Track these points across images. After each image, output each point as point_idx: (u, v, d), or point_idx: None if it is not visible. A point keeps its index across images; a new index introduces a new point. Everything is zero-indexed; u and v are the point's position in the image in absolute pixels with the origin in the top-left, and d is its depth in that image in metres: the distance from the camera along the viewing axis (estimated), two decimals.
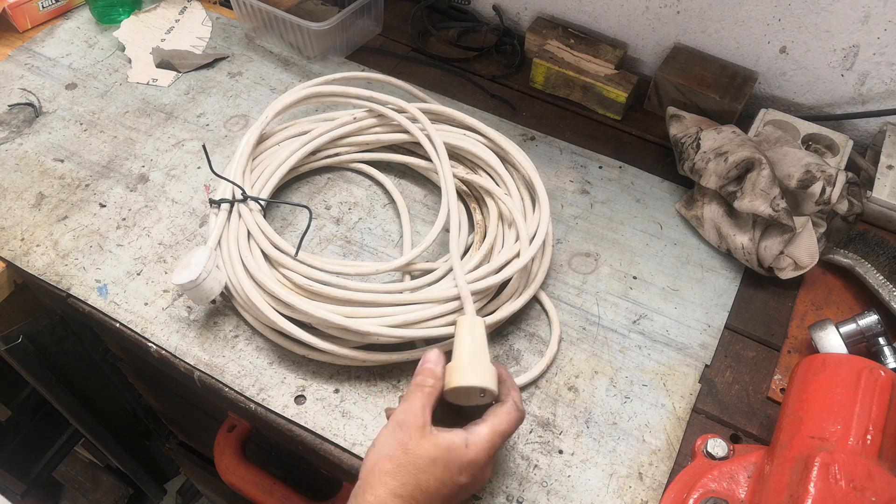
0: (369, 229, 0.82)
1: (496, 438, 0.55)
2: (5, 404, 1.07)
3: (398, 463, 0.53)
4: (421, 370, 0.59)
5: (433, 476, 0.53)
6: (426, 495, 0.52)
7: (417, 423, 0.54)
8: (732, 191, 0.77)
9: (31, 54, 1.00)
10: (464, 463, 0.54)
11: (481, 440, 0.55)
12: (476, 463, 0.54)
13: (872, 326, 0.69)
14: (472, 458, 0.54)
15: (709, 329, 0.75)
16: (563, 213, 0.84)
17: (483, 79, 1.00)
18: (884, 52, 0.84)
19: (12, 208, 0.82)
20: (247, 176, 0.78)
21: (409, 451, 0.53)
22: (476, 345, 0.60)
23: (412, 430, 0.54)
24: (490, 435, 0.55)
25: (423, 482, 0.52)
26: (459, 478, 0.54)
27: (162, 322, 0.73)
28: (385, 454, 0.54)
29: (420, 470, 0.53)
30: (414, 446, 0.53)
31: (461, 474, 0.54)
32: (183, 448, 1.28)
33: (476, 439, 0.55)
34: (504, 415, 0.56)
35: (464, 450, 0.54)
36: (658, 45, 0.98)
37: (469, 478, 0.54)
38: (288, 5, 1.04)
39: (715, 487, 0.58)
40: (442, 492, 0.53)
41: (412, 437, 0.54)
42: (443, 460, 0.53)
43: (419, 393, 0.57)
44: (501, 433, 0.56)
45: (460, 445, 0.54)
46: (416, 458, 0.53)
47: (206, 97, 0.95)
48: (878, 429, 0.54)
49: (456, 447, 0.54)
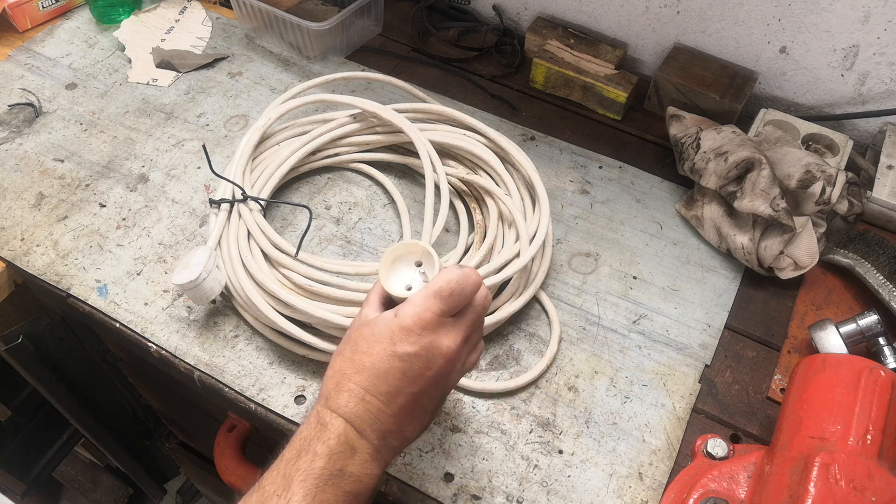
0: (369, 229, 0.82)
1: (429, 299, 0.50)
2: (5, 404, 1.07)
3: (338, 352, 0.52)
4: None
5: (371, 353, 0.50)
6: (366, 374, 0.49)
7: (361, 316, 0.53)
8: (732, 191, 0.77)
9: (31, 54, 1.00)
10: (393, 329, 0.50)
11: (410, 305, 0.50)
12: (406, 326, 0.49)
13: (872, 326, 0.69)
14: (401, 322, 0.49)
15: (709, 329, 0.75)
16: (563, 213, 0.84)
17: (483, 79, 1.00)
18: (884, 52, 0.84)
19: (12, 208, 0.82)
20: (247, 176, 0.78)
21: (348, 338, 0.52)
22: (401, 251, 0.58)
23: (356, 325, 0.53)
24: (422, 296, 0.50)
25: (366, 363, 0.50)
26: (396, 347, 0.49)
27: (162, 322, 0.73)
28: (334, 353, 0.53)
29: (352, 349, 0.51)
30: (352, 332, 0.52)
31: (396, 343, 0.49)
32: (183, 448, 1.28)
33: (405, 306, 0.50)
34: (440, 275, 0.51)
35: (391, 318, 0.50)
36: (658, 45, 0.98)
37: (410, 346, 0.49)
38: (288, 5, 1.04)
39: (715, 487, 0.58)
40: (383, 367, 0.49)
41: (351, 328, 0.53)
42: (371, 333, 0.50)
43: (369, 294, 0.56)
44: (435, 291, 0.50)
45: (389, 315, 0.51)
46: (355, 342, 0.51)
47: (206, 97, 0.95)
48: (878, 429, 0.54)
49: (384, 318, 0.51)
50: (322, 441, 0.48)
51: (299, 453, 0.48)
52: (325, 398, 0.50)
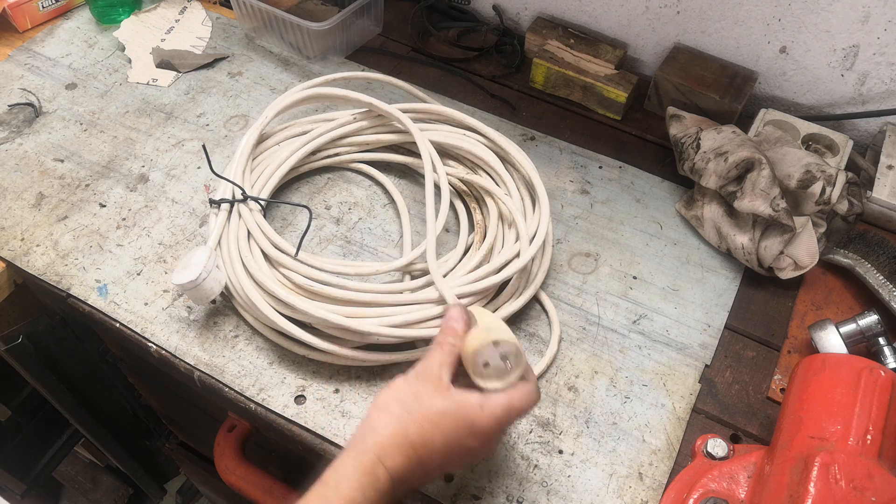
0: (369, 229, 0.82)
1: (511, 411, 0.53)
2: (5, 404, 1.07)
3: (407, 409, 0.51)
4: (443, 328, 0.57)
5: (440, 430, 0.51)
6: (427, 449, 0.51)
7: (433, 376, 0.53)
8: (732, 191, 0.77)
9: (31, 54, 1.00)
10: (474, 424, 0.51)
11: (496, 406, 0.52)
12: (485, 428, 0.52)
13: (872, 326, 0.69)
14: (483, 422, 0.52)
15: (709, 329, 0.75)
16: (563, 213, 0.84)
17: (483, 79, 1.00)
18: (884, 52, 0.84)
19: (12, 208, 0.82)
20: (247, 176, 0.78)
21: (421, 399, 0.52)
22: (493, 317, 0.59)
23: (428, 382, 0.52)
24: (507, 404, 0.52)
25: (429, 434, 0.51)
26: (466, 440, 0.51)
27: (162, 322, 0.73)
28: (396, 398, 0.52)
29: (427, 420, 0.51)
30: (426, 396, 0.52)
31: (469, 437, 0.51)
32: (183, 448, 1.28)
33: (492, 404, 0.52)
34: (524, 390, 0.54)
35: (477, 410, 0.51)
36: (658, 45, 0.98)
37: (476, 442, 0.52)
38: (288, 5, 1.04)
39: (715, 487, 0.58)
40: (444, 450, 0.51)
41: (426, 388, 0.52)
42: (452, 416, 0.51)
43: (438, 350, 0.55)
44: (517, 408, 0.53)
45: (474, 405, 0.52)
46: (427, 408, 0.51)
47: (206, 97, 0.95)
48: (878, 429, 0.54)
49: (469, 406, 0.52)
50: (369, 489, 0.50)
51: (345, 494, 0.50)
52: (383, 451, 0.51)
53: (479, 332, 0.56)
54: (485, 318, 0.59)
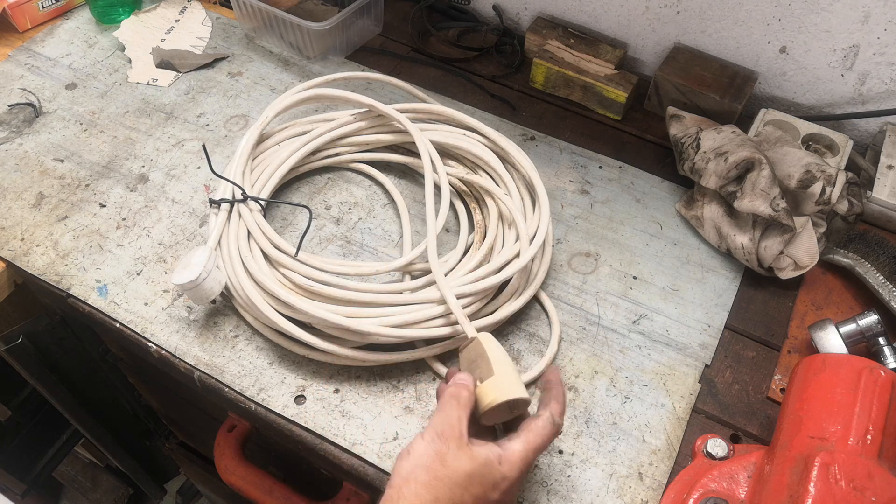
0: (369, 229, 0.82)
1: (529, 455, 0.54)
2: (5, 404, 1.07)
3: (435, 475, 0.51)
4: (453, 383, 0.57)
5: (468, 492, 0.51)
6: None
7: (455, 433, 0.53)
8: (732, 191, 0.77)
9: (31, 54, 1.00)
10: (497, 480, 0.53)
11: (515, 457, 0.54)
12: (508, 479, 0.53)
13: (872, 326, 0.69)
14: (506, 475, 0.53)
15: (709, 329, 0.75)
16: (563, 213, 0.84)
17: (483, 79, 1.00)
18: (884, 52, 0.84)
19: (12, 208, 0.82)
20: (247, 176, 0.78)
21: (447, 463, 0.52)
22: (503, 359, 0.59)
23: (450, 441, 0.53)
24: (524, 452, 0.54)
25: (458, 497, 0.51)
26: (492, 494, 0.52)
27: (162, 322, 0.73)
28: (421, 464, 0.52)
29: (455, 484, 0.51)
30: (451, 459, 0.52)
31: (494, 490, 0.52)
32: (183, 448, 1.28)
33: (510, 456, 0.54)
34: (539, 429, 0.55)
35: (497, 466, 0.53)
36: (658, 45, 0.98)
37: (501, 494, 0.53)
38: (288, 5, 1.04)
39: (715, 487, 0.58)
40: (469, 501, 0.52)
41: (450, 449, 0.52)
42: (478, 476, 0.52)
43: (454, 403, 0.55)
44: (535, 448, 0.55)
45: (494, 462, 0.53)
46: (453, 472, 0.51)
47: (206, 97, 0.95)
48: (878, 429, 0.54)
49: (490, 463, 0.53)
50: None
51: None
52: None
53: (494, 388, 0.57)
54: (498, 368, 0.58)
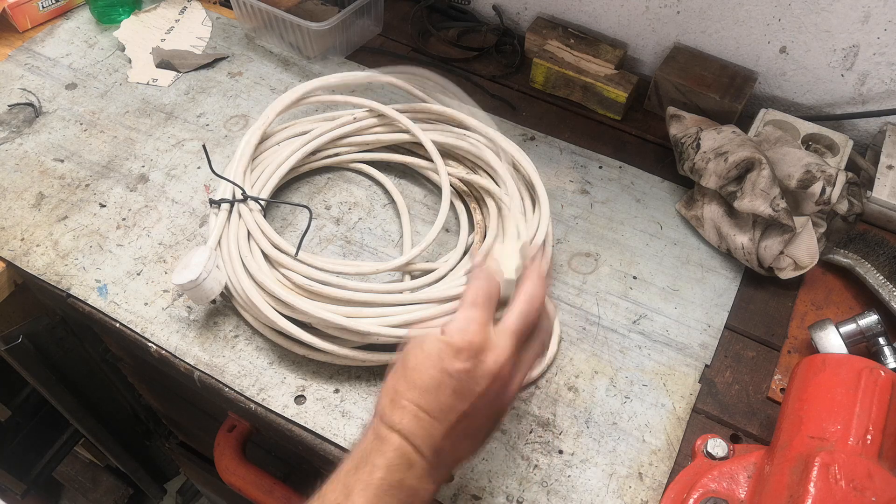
0: (369, 229, 0.82)
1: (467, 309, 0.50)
2: (5, 404, 1.07)
3: (392, 372, 0.50)
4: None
5: (422, 370, 0.48)
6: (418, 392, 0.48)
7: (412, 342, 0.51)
8: (732, 191, 0.77)
9: (31, 54, 1.00)
10: (440, 347, 0.48)
11: (453, 320, 0.50)
12: (454, 345, 0.48)
13: (872, 326, 0.69)
14: (449, 340, 0.48)
15: (709, 329, 0.75)
16: (563, 213, 0.84)
17: (483, 79, 1.00)
18: (884, 52, 0.84)
19: (12, 208, 0.82)
20: (247, 176, 0.78)
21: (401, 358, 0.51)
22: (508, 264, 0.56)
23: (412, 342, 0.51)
24: (462, 311, 0.50)
25: (417, 380, 0.48)
26: (446, 364, 0.48)
27: (162, 322, 0.73)
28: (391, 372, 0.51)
29: (410, 369, 0.49)
30: (405, 354, 0.50)
31: (444, 360, 0.48)
32: (183, 448, 1.28)
33: (450, 322, 0.50)
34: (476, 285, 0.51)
35: (438, 336, 0.49)
36: (658, 45, 0.98)
37: (461, 363, 0.48)
38: (288, 5, 1.04)
39: (715, 487, 0.58)
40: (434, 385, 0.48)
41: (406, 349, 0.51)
42: (421, 351, 0.49)
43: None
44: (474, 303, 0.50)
45: (436, 332, 0.50)
46: (404, 360, 0.50)
47: (206, 97, 0.95)
48: (878, 429, 0.54)
49: (432, 335, 0.50)
50: (380, 453, 0.48)
51: (358, 465, 0.48)
52: (380, 414, 0.49)
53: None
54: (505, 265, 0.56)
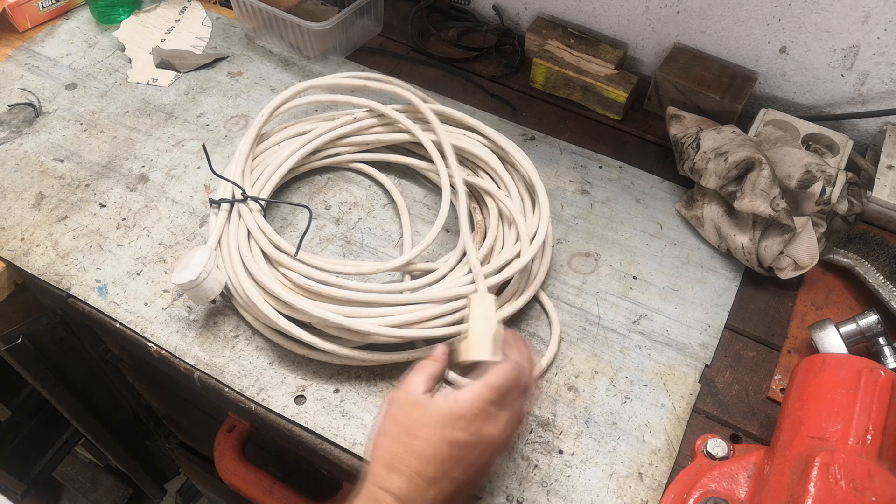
0: (369, 229, 0.82)
1: (485, 390, 0.53)
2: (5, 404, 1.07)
3: (386, 432, 0.53)
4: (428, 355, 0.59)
5: (424, 438, 0.51)
6: (417, 458, 0.51)
7: (409, 395, 0.54)
8: (732, 191, 0.77)
9: (31, 54, 1.00)
10: (447, 416, 0.51)
11: (469, 393, 0.53)
12: (465, 416, 0.51)
13: (872, 326, 0.69)
14: (461, 411, 0.52)
15: (709, 329, 0.75)
16: (563, 213, 0.84)
17: (483, 79, 1.00)
18: (884, 52, 0.84)
19: (12, 208, 0.82)
20: (247, 176, 0.78)
21: (397, 418, 0.53)
22: (485, 320, 0.60)
23: (401, 402, 0.54)
24: (481, 386, 0.53)
25: (409, 443, 0.51)
26: (448, 433, 0.51)
27: (162, 322, 0.73)
28: (379, 431, 0.53)
29: (404, 432, 0.52)
30: (400, 413, 0.53)
31: (447, 429, 0.51)
32: (183, 448, 1.28)
33: (464, 393, 0.53)
34: (497, 368, 0.55)
35: (452, 403, 0.52)
36: (658, 45, 0.98)
37: (462, 433, 0.51)
38: (288, 5, 1.04)
39: (715, 487, 0.58)
40: (434, 452, 0.51)
41: (401, 408, 0.53)
42: (427, 417, 0.52)
43: (414, 371, 0.56)
44: (491, 385, 0.53)
45: (440, 400, 0.53)
46: (406, 425, 0.52)
47: (206, 97, 0.95)
48: (878, 429, 0.54)
49: (441, 404, 0.52)
50: None
51: None
52: (375, 476, 0.51)
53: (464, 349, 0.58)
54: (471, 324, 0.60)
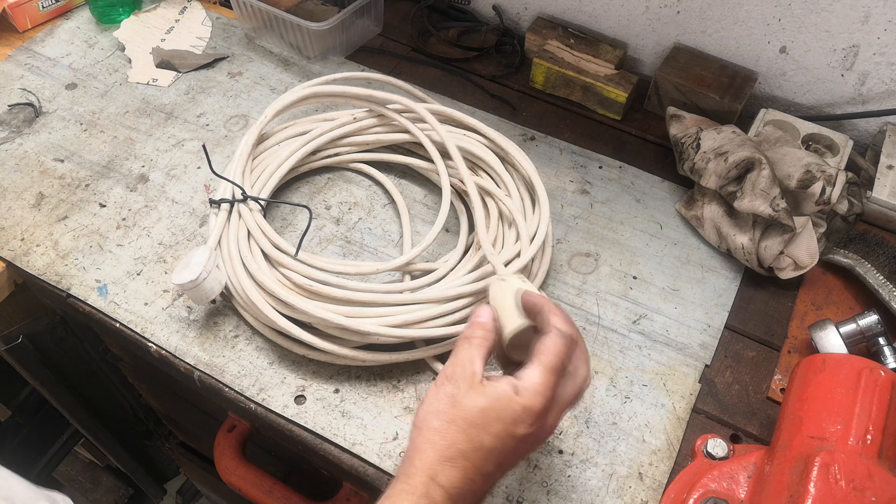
0: (369, 229, 0.82)
1: (548, 376, 0.49)
2: (5, 404, 1.07)
3: (446, 418, 0.48)
4: (469, 324, 0.55)
5: (486, 431, 0.48)
6: (479, 454, 0.48)
7: (466, 373, 0.50)
8: (732, 191, 0.77)
9: (31, 54, 1.00)
10: (517, 412, 0.48)
11: (533, 383, 0.49)
12: (532, 410, 0.48)
13: (872, 326, 0.69)
14: (526, 405, 0.48)
15: (709, 329, 0.75)
16: (563, 213, 0.84)
17: (483, 79, 1.00)
18: (884, 52, 0.84)
19: (12, 208, 0.82)
20: (247, 176, 0.78)
21: (458, 403, 0.49)
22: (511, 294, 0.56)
23: (460, 382, 0.50)
24: (541, 375, 0.49)
25: (476, 438, 0.47)
26: (517, 428, 0.48)
27: (162, 322, 0.73)
28: (433, 410, 0.49)
29: (470, 424, 0.48)
30: (462, 397, 0.49)
31: (518, 425, 0.48)
32: (183, 448, 1.28)
33: (526, 384, 0.49)
34: (549, 347, 0.50)
35: (514, 398, 0.48)
36: (658, 45, 0.98)
37: (529, 427, 0.48)
38: (288, 5, 1.04)
39: (715, 487, 0.58)
40: (498, 449, 0.48)
41: (460, 389, 0.49)
42: (494, 411, 0.48)
43: (466, 344, 0.52)
44: (553, 368, 0.49)
45: (509, 393, 0.49)
46: (466, 412, 0.48)
47: (206, 97, 0.95)
48: (878, 429, 0.54)
49: (505, 395, 0.48)
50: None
51: None
52: (433, 469, 0.47)
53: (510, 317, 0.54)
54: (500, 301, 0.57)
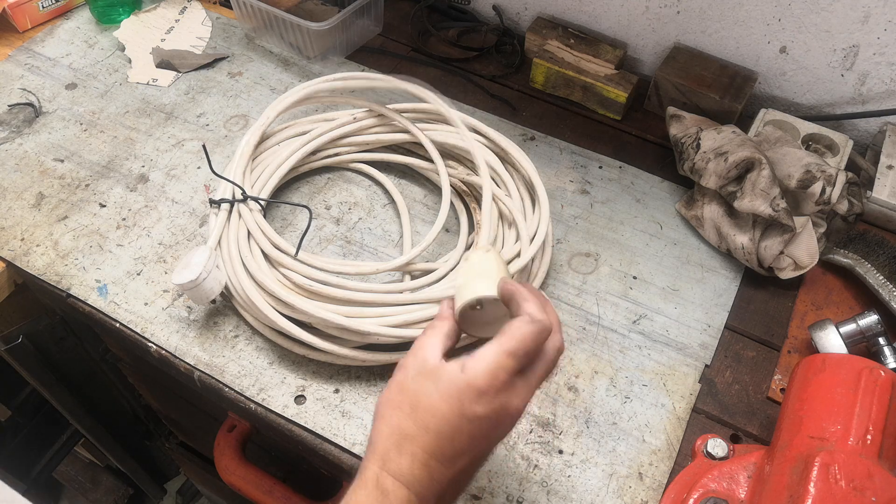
0: (369, 229, 0.82)
1: (503, 358, 0.46)
2: (5, 404, 1.07)
3: (392, 405, 0.47)
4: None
5: (430, 412, 0.46)
6: (429, 436, 0.46)
7: (417, 360, 0.48)
8: (732, 191, 0.77)
9: (31, 54, 1.00)
10: (461, 388, 0.45)
11: (482, 361, 0.46)
12: (475, 386, 0.45)
13: (872, 326, 0.69)
14: (470, 381, 0.46)
15: (709, 329, 0.75)
16: (563, 213, 0.84)
17: (483, 79, 1.00)
18: (884, 52, 0.84)
19: (12, 208, 0.82)
20: (247, 176, 0.78)
21: (404, 388, 0.47)
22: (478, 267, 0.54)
23: (409, 368, 0.48)
24: (494, 354, 0.46)
25: (421, 420, 0.46)
26: (464, 407, 0.45)
27: (162, 322, 0.73)
28: (383, 399, 0.48)
29: (414, 407, 0.46)
30: (409, 382, 0.47)
31: (463, 403, 0.45)
32: (183, 448, 1.28)
33: (475, 361, 0.46)
34: (512, 329, 0.47)
35: (458, 374, 0.46)
36: (658, 45, 0.98)
37: (479, 406, 0.45)
38: (288, 5, 1.04)
39: (715, 487, 0.58)
40: (448, 430, 0.46)
41: (408, 374, 0.48)
42: (437, 391, 0.46)
43: (425, 333, 0.51)
44: (511, 352, 0.46)
45: (455, 370, 0.46)
46: (410, 395, 0.47)
47: (206, 97, 0.95)
48: (878, 429, 0.54)
49: (450, 373, 0.46)
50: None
51: None
52: (382, 458, 0.46)
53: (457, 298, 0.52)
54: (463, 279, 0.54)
